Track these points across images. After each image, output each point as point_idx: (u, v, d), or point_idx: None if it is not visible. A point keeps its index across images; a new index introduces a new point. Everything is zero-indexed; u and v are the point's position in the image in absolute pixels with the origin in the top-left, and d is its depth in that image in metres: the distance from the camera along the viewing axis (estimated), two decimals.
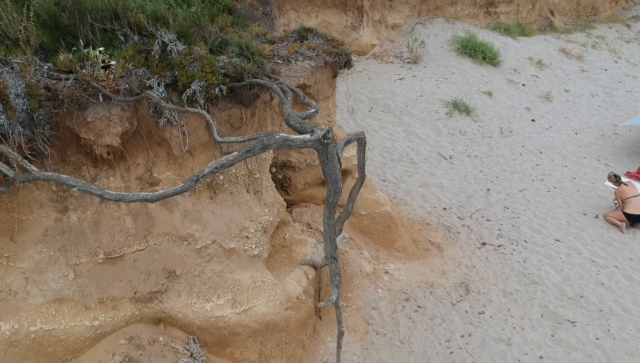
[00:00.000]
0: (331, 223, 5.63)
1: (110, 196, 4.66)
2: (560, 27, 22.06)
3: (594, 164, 12.12)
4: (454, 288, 8.01)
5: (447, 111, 13.39)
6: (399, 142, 12.14)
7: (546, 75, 16.60)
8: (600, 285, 8.28)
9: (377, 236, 8.62)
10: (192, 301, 6.01)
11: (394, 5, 17.00)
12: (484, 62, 15.96)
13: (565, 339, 7.23)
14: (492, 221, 9.74)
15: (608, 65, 18.53)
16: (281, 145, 5.07)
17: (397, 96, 13.71)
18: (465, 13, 18.87)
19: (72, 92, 5.42)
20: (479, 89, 14.64)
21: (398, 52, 16.18)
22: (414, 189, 10.51)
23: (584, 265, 8.72)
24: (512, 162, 11.93)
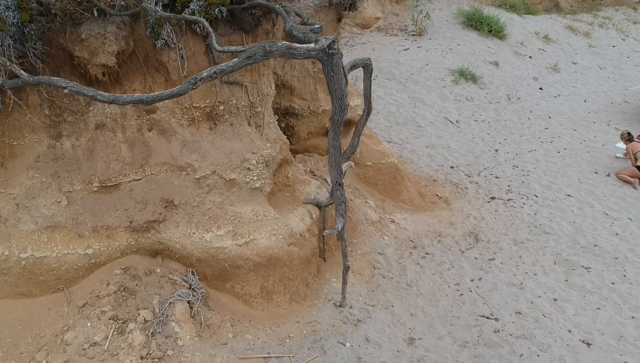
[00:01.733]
0: (336, 144, 5.36)
1: (103, 97, 4.41)
2: (566, 8, 21.76)
3: (604, 128, 11.84)
4: (463, 237, 7.73)
5: (453, 78, 13.12)
6: (404, 107, 11.86)
7: (553, 49, 16.32)
8: (615, 236, 7.99)
9: (383, 188, 8.35)
10: (191, 231, 5.75)
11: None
12: (490, 34, 15.70)
13: (580, 284, 6.95)
14: (501, 178, 9.46)
15: (615, 42, 18.24)
16: (284, 53, 4.80)
17: (402, 65, 13.44)
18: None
19: (65, 5, 5.17)
20: (485, 60, 14.38)
21: (402, 25, 15.93)
22: (420, 150, 10.24)
23: (596, 217, 8.44)
24: (520, 126, 11.65)
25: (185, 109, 5.91)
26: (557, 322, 6.27)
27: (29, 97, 5.36)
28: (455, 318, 6.25)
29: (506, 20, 16.58)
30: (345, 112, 5.20)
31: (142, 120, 5.85)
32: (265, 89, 6.53)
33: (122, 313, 5.27)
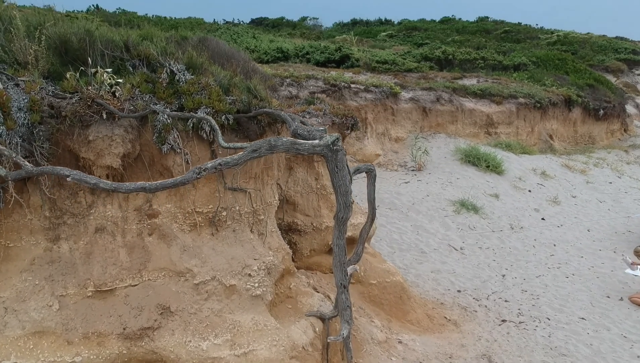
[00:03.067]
0: (341, 244, 5.22)
1: (106, 184, 4.36)
2: (561, 150, 22.57)
3: (611, 255, 11.66)
4: (475, 360, 7.27)
5: (455, 209, 13.19)
6: (407, 235, 11.79)
7: (551, 184, 16.61)
8: (636, 358, 7.52)
9: (389, 307, 8.02)
10: (187, 339, 5.41)
11: (397, 120, 17.53)
12: (488, 170, 16.07)
13: None
14: (511, 302, 9.12)
15: (612, 179, 18.64)
16: (289, 148, 4.85)
17: (402, 196, 13.60)
18: (467, 132, 19.40)
19: (75, 108, 5.32)
20: (485, 192, 14.56)
21: (402, 161, 16.38)
22: (425, 274, 10.00)
23: (614, 340, 8.01)
24: (526, 253, 11.49)
25: (187, 214, 5.84)
26: None
27: (30, 198, 5.33)
28: None
29: (503, 158, 17.06)
30: (349, 209, 5.12)
31: (143, 224, 5.76)
32: (268, 198, 6.51)
33: None
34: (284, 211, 7.72)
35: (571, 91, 25.03)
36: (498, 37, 42.96)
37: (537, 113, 22.30)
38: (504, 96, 21.24)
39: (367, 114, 16.53)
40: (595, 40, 47.54)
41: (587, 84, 27.32)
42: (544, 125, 23.09)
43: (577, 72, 29.09)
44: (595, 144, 25.70)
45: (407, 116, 17.68)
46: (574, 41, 44.04)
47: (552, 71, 28.18)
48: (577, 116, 25.16)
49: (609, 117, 27.59)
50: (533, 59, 30.46)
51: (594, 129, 26.31)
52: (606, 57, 43.02)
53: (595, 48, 44.70)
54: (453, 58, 28.78)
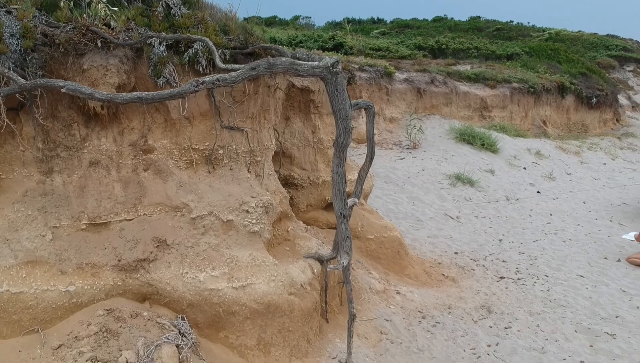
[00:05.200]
0: (341, 171, 5.14)
1: (101, 95, 4.27)
2: (554, 136, 22.60)
3: (607, 223, 11.65)
4: (475, 310, 7.20)
5: (450, 182, 13.15)
6: (403, 205, 11.72)
7: (546, 163, 16.61)
8: (636, 308, 7.48)
9: (386, 262, 7.94)
10: (184, 271, 5.30)
11: (391, 100, 17.48)
12: (483, 148, 16.05)
13: (607, 348, 6.35)
14: (508, 262, 9.07)
15: (606, 160, 18.69)
16: (288, 68, 4.76)
17: (398, 170, 13.54)
18: (461, 114, 19.38)
19: (69, 36, 5.22)
20: (481, 168, 14.53)
21: (397, 140, 16.33)
22: (422, 239, 9.94)
23: (613, 294, 7.96)
24: (522, 221, 11.45)
25: (183, 151, 5.75)
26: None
27: (23, 128, 5.22)
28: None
29: (497, 138, 17.05)
30: (349, 135, 5.04)
31: (139, 160, 5.66)
32: (265, 141, 6.43)
33: (102, 354, 4.67)
34: (281, 163, 7.62)
35: (564, 79, 25.09)
36: (490, 35, 42.98)
37: (530, 99, 22.33)
38: (498, 80, 21.26)
39: (362, 93, 16.44)
40: (587, 38, 47.75)
41: (580, 72, 27.41)
42: (538, 111, 23.11)
43: (569, 61, 29.17)
44: (588, 132, 25.74)
45: (401, 97, 17.64)
46: (566, 39, 44.16)
47: (545, 60, 28.24)
48: (570, 103, 25.21)
49: (602, 106, 27.67)
50: (526, 49, 30.51)
51: (587, 118, 26.37)
52: (597, 53, 43.20)
53: (587, 45, 44.89)
54: (446, 48, 28.80)
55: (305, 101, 7.54)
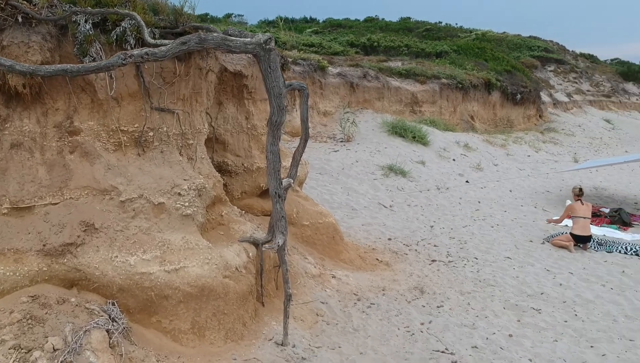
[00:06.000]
0: (275, 150, 5.11)
1: (22, 67, 4.07)
2: (481, 130, 23.37)
3: (532, 210, 12.16)
4: (408, 291, 7.34)
5: (384, 172, 13.38)
6: (338, 196, 11.83)
7: (474, 155, 17.16)
8: (559, 285, 7.83)
9: (322, 247, 7.98)
10: (113, 255, 5.13)
11: (325, 95, 17.59)
12: (414, 141, 16.41)
13: (533, 322, 6.62)
14: (440, 246, 9.30)
15: (530, 153, 19.50)
16: (219, 44, 4.69)
17: (332, 162, 13.65)
18: (393, 109, 19.74)
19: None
20: (412, 160, 14.85)
21: (331, 134, 16.45)
22: (357, 227, 10.05)
23: (538, 273, 8.31)
24: (452, 208, 11.79)
25: (111, 133, 5.56)
26: (515, 353, 5.84)
27: None
28: (408, 354, 5.70)
29: (428, 131, 17.48)
30: (283, 113, 5.02)
31: (64, 142, 5.44)
32: (198, 125, 6.32)
33: (26, 341, 4.44)
34: (214, 150, 7.51)
35: (491, 76, 25.99)
36: (420, 35, 44.00)
37: (459, 94, 23.01)
38: (428, 76, 21.80)
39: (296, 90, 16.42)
40: (511, 39, 49.69)
41: (505, 70, 28.48)
42: (466, 106, 23.85)
43: (495, 60, 30.25)
44: (513, 127, 26.79)
45: (335, 91, 17.78)
46: (492, 39, 45.72)
47: (472, 58, 29.17)
48: (496, 99, 26.14)
49: (526, 103, 28.84)
50: (454, 47, 31.40)
51: (512, 113, 27.42)
52: (521, 54, 44.99)
53: (511, 46, 46.67)
54: (378, 45, 29.24)
55: (239, 86, 7.46)
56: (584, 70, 52.92)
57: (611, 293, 7.62)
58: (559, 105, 35.99)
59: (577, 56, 60.74)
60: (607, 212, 12.30)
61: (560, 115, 32.80)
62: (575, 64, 53.51)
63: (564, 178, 15.65)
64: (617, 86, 54.74)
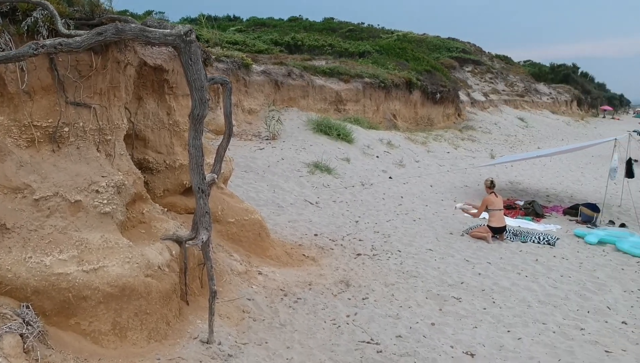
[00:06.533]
0: (197, 144, 5.03)
1: None
2: (403, 128, 23.94)
3: (452, 204, 12.58)
4: (334, 285, 7.42)
5: (309, 170, 13.45)
6: (264, 193, 11.78)
7: (396, 152, 17.57)
8: (478, 275, 8.16)
9: (248, 244, 7.92)
10: (27, 255, 4.88)
11: (250, 92, 17.48)
12: (339, 138, 16.60)
13: (454, 311, 6.86)
14: (364, 241, 9.47)
15: (449, 150, 20.16)
16: (138, 35, 4.57)
17: (258, 160, 13.59)
18: (318, 107, 19.89)
19: None
20: (337, 157, 15.02)
21: (256, 131, 16.36)
22: (283, 223, 10.05)
23: (458, 263, 8.62)
24: (376, 204, 12.02)
25: (23, 128, 5.28)
26: (438, 340, 6.03)
27: None
28: (335, 346, 5.77)
29: (352, 129, 17.73)
30: (206, 106, 4.95)
31: None
32: (116, 120, 6.11)
33: None
34: (134, 146, 7.29)
35: (411, 75, 26.66)
36: (343, 35, 44.58)
37: (381, 93, 23.46)
38: (351, 75, 22.10)
39: (219, 85, 16.23)
40: (431, 40, 51.24)
41: (426, 70, 29.30)
42: (388, 105, 24.36)
43: (416, 60, 31.07)
44: (433, 125, 27.63)
45: (259, 89, 17.70)
46: (412, 40, 46.98)
47: (394, 58, 29.83)
48: (417, 98, 26.86)
49: (445, 102, 29.79)
50: (377, 47, 31.99)
51: (432, 112, 28.25)
52: (440, 54, 46.48)
53: (431, 47, 48.12)
54: (302, 44, 29.36)
55: (159, 80, 7.28)
56: (500, 71, 55.32)
57: (526, 281, 8.02)
58: (476, 104, 37.44)
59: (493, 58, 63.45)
60: (521, 204, 12.93)
61: (477, 114, 34.12)
62: (491, 65, 55.84)
63: (481, 173, 16.28)
64: (530, 86, 57.59)
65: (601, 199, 13.40)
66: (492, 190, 10.41)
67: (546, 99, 57.70)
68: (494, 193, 10.38)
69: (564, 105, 62.42)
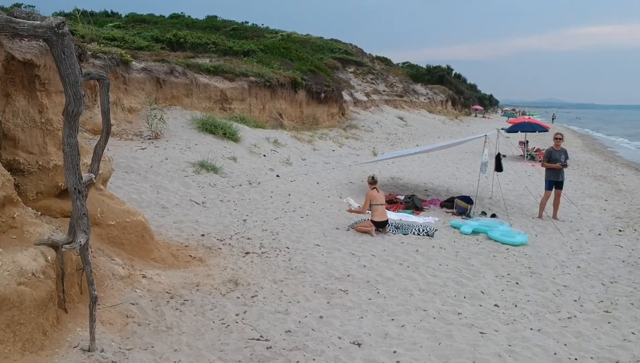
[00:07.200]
0: (72, 142, 4.77)
1: None
2: (290, 127, 24.16)
3: (338, 200, 12.90)
4: (223, 284, 7.34)
5: (195, 169, 13.19)
6: (147, 194, 11.39)
7: (283, 150, 17.69)
8: (363, 267, 8.43)
9: (131, 247, 7.63)
10: None
11: (130, 90, 16.82)
12: (225, 137, 16.42)
13: (341, 303, 7.03)
14: (253, 239, 9.45)
15: (334, 148, 20.62)
16: (4, 26, 4.25)
17: (140, 160, 13.11)
18: (202, 106, 19.55)
19: None
20: (224, 156, 14.86)
21: (138, 131, 15.78)
22: (168, 225, 9.79)
23: (345, 257, 8.86)
24: (264, 202, 12.04)
25: None
26: (326, 332, 6.16)
27: None
28: (224, 345, 5.71)
29: (238, 128, 17.62)
30: (81, 102, 4.70)
31: None
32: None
33: None
34: (2, 147, 6.77)
35: (296, 75, 26.95)
36: (227, 34, 44.16)
37: (267, 92, 23.51)
38: (236, 73, 21.94)
39: (96, 81, 15.47)
40: (314, 41, 52.11)
41: (310, 69, 29.75)
42: (274, 104, 24.46)
43: (300, 60, 31.46)
44: (318, 124, 28.12)
45: (140, 87, 17.09)
46: (296, 40, 47.52)
47: (278, 58, 29.99)
48: (303, 97, 27.21)
49: (329, 101, 30.42)
50: (261, 47, 31.99)
51: (317, 111, 28.75)
52: (324, 55, 47.38)
53: (315, 47, 48.92)
54: (185, 41, 28.74)
55: (29, 76, 6.81)
56: (380, 72, 57.39)
57: (407, 271, 8.41)
58: (359, 104, 38.58)
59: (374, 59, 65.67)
60: (402, 199, 13.52)
61: (360, 113, 35.19)
62: (372, 66, 57.81)
63: (365, 170, 16.85)
64: (408, 87, 60.25)
65: (474, 192, 14.33)
66: (374, 186, 10.82)
67: (423, 99, 60.68)
68: (375, 188, 10.79)
69: (440, 105, 65.96)
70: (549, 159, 12.87)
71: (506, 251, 9.89)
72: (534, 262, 9.38)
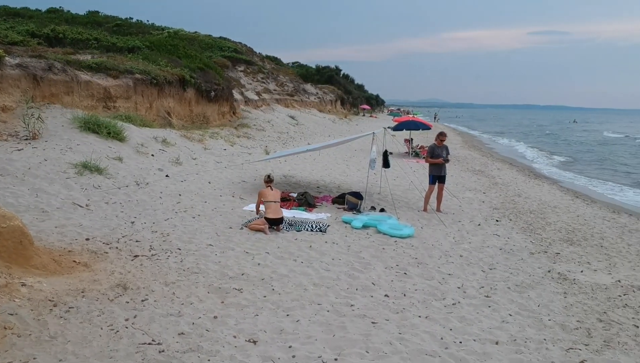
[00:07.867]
0: None
1: None
2: (179, 126, 23.60)
3: (230, 199, 12.79)
4: (110, 289, 7.03)
5: (77, 171, 12.53)
6: (25, 198, 10.66)
7: (173, 150, 17.25)
8: (257, 265, 8.42)
9: (8, 254, 7.10)
10: None
11: (3, 87, 15.68)
12: (110, 137, 15.74)
13: (236, 302, 6.98)
14: (142, 241, 9.13)
15: (226, 147, 20.43)
16: None
17: (16, 162, 12.24)
18: (84, 104, 18.62)
19: None
20: (109, 156, 14.24)
21: (13, 131, 14.71)
22: (49, 230, 9.21)
23: (238, 256, 8.80)
24: (153, 203, 11.68)
25: None
26: (221, 332, 6.08)
27: None
28: (113, 352, 5.48)
29: (124, 127, 16.94)
30: None
31: None
32: None
33: None
34: None
35: (185, 73, 26.35)
36: (110, 30, 42.25)
37: (154, 90, 22.81)
38: (120, 70, 21.10)
39: None
40: (203, 39, 51.23)
41: (199, 67, 29.19)
42: (162, 102, 23.78)
43: (189, 57, 30.77)
44: (209, 123, 27.71)
45: (15, 84, 15.96)
46: (184, 38, 46.39)
47: (165, 55, 29.14)
48: (192, 96, 26.66)
49: (220, 100, 30.05)
50: (147, 43, 30.92)
51: (207, 110, 28.29)
52: (213, 53, 46.72)
53: (203, 45, 48.07)
54: (64, 37, 27.16)
55: None
56: (271, 71, 57.55)
57: (302, 266, 8.51)
58: (250, 103, 38.47)
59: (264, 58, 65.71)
60: (295, 196, 13.64)
61: (251, 112, 35.09)
62: (263, 66, 57.83)
63: (257, 168, 16.82)
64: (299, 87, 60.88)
65: (363, 188, 14.78)
66: (269, 184, 10.85)
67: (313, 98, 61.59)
68: (270, 186, 10.82)
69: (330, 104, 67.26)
70: (432, 155, 13.53)
71: (395, 244, 10.28)
72: (420, 253, 9.83)
